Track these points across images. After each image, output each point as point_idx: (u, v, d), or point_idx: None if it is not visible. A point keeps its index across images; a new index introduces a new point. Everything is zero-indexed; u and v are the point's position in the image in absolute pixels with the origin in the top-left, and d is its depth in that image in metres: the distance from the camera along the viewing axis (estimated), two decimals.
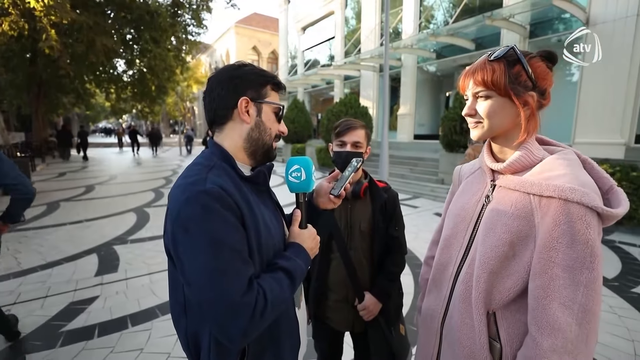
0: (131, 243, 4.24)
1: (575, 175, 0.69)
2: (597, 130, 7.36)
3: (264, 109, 0.83)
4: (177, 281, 0.78)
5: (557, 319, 0.65)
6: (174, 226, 0.69)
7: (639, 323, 2.55)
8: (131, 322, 2.48)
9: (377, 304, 1.24)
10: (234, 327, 0.64)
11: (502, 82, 0.73)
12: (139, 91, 14.25)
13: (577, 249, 0.65)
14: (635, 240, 4.58)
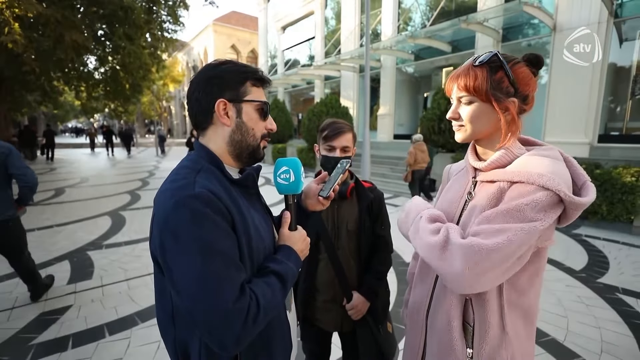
0: (106, 248, 4.07)
1: (548, 165, 0.72)
2: (564, 131, 7.78)
3: (244, 108, 0.79)
4: (163, 288, 0.76)
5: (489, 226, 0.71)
6: (161, 232, 0.67)
7: (605, 311, 2.72)
8: (108, 331, 2.38)
9: (365, 302, 1.26)
10: (226, 334, 0.63)
11: (484, 89, 0.76)
12: (111, 89, 13.64)
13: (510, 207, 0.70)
14: (599, 233, 4.88)
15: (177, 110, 40.71)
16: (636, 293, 3.03)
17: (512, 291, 0.78)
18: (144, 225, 5.03)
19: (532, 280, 0.79)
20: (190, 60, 35.41)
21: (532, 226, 0.68)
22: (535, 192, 0.69)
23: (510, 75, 0.76)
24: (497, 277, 0.71)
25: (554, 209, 0.70)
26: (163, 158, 16.96)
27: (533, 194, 0.69)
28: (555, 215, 0.70)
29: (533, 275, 0.79)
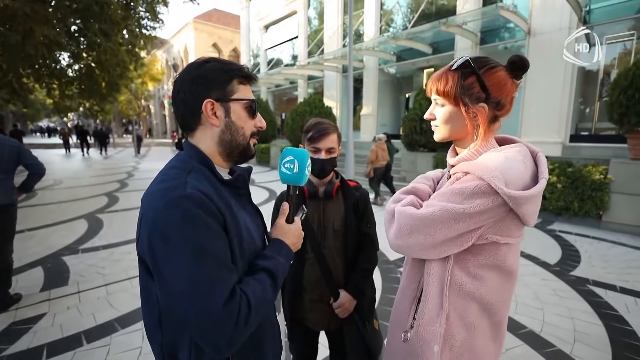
0: (83, 253, 3.91)
1: (498, 161, 0.74)
2: (539, 130, 8.11)
3: (232, 107, 0.77)
4: (150, 292, 0.74)
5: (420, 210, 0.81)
6: (151, 234, 0.65)
7: (577, 302, 2.86)
8: (86, 339, 2.29)
9: (352, 300, 1.27)
10: (219, 337, 0.62)
11: (453, 93, 0.79)
12: (86, 87, 13.08)
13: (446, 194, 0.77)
14: (572, 228, 5.12)
15: (157, 110, 39.59)
16: (605, 284, 3.20)
17: (461, 274, 0.79)
18: (123, 228, 4.87)
19: (486, 272, 0.79)
20: (170, 58, 34.52)
21: (454, 207, 0.74)
22: (471, 180, 0.74)
23: (483, 81, 0.78)
24: (425, 247, 0.79)
25: (481, 198, 0.72)
26: (142, 159, 16.46)
27: (468, 182, 0.75)
28: (483, 205, 0.72)
29: (487, 267, 0.79)
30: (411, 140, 7.84)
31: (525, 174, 0.76)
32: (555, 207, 5.47)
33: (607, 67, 7.78)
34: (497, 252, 0.78)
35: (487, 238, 0.76)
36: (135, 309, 2.67)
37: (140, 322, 2.47)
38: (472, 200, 0.73)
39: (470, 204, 0.73)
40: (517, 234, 0.78)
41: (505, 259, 0.79)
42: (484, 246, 0.77)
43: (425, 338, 0.81)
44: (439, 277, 0.81)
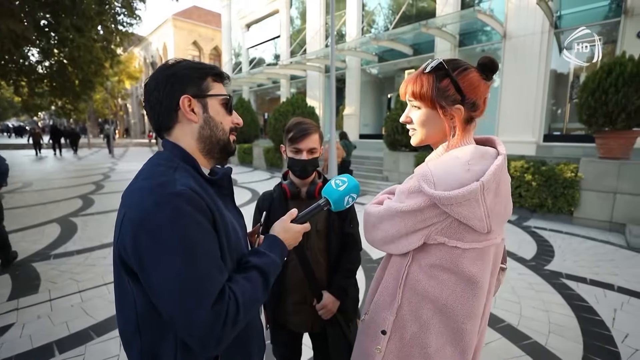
0: (55, 258, 3.72)
1: (438, 163, 0.78)
2: (514, 131, 8.41)
3: (209, 103, 0.77)
4: (127, 296, 0.71)
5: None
6: (137, 232, 0.62)
7: (551, 295, 2.98)
8: (59, 349, 2.18)
9: (335, 302, 1.26)
10: (207, 336, 0.61)
11: (429, 96, 0.79)
12: (58, 85, 12.49)
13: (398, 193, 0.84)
14: (546, 224, 5.34)
15: (135, 109, 38.33)
16: (576, 277, 3.35)
17: (417, 271, 0.82)
18: (99, 232, 4.68)
19: (439, 273, 0.79)
20: (148, 56, 33.52)
21: (395, 205, 0.80)
22: (409, 181, 0.81)
23: (457, 82, 0.78)
24: (384, 241, 0.85)
25: (414, 198, 0.77)
26: (119, 159, 15.91)
27: (408, 182, 0.82)
28: (416, 204, 0.75)
29: (439, 268, 0.79)
30: (393, 140, 7.94)
31: (465, 177, 0.72)
32: (530, 204, 5.68)
33: (577, 70, 8.16)
34: (449, 255, 0.77)
35: (435, 239, 0.78)
36: (112, 315, 2.56)
37: (118, 330, 2.38)
38: (408, 199, 0.78)
39: (406, 203, 0.78)
40: (470, 239, 0.75)
41: (458, 263, 0.77)
42: (434, 246, 0.79)
43: (376, 321, 0.88)
44: (397, 270, 0.86)
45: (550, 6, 7.41)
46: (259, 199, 1.38)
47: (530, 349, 2.24)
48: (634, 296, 2.97)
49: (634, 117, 4.74)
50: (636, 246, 4.27)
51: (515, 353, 2.20)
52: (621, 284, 3.20)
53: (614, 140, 5.07)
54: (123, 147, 24.76)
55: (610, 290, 3.09)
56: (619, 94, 4.70)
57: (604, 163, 5.06)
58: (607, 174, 4.98)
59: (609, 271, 3.51)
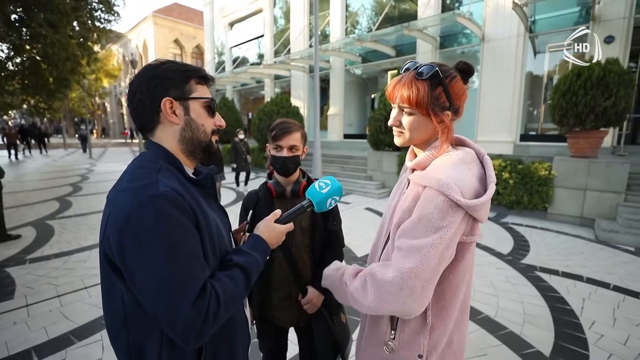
0: (30, 263, 3.59)
1: (450, 170, 0.80)
2: (493, 131, 8.71)
3: (191, 106, 0.79)
4: (113, 294, 0.72)
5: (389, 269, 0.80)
6: (121, 233, 0.64)
7: (526, 288, 3.13)
8: (37, 355, 2.12)
9: (319, 296, 1.30)
10: (188, 331, 0.64)
11: (425, 103, 0.82)
12: (30, 83, 11.95)
13: (420, 223, 0.77)
14: (522, 221, 5.57)
15: (113, 108, 37.12)
16: (549, 270, 3.53)
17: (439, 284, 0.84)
18: (78, 235, 4.54)
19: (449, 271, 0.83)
20: (127, 53, 32.53)
21: (441, 237, 0.75)
22: (437, 197, 0.77)
23: (448, 91, 0.83)
24: (433, 282, 0.78)
25: (453, 212, 0.76)
26: (97, 160, 15.40)
27: (435, 199, 0.77)
28: (457, 217, 0.76)
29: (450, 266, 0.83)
30: (377, 139, 8.06)
31: (474, 180, 0.81)
32: (508, 201, 5.91)
33: (551, 73, 8.53)
34: (460, 249, 0.83)
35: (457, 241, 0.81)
36: (94, 319, 2.52)
37: (100, 333, 2.34)
38: (448, 218, 0.76)
39: (449, 224, 0.76)
40: (477, 231, 0.83)
41: (465, 254, 0.84)
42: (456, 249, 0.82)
43: (411, 347, 0.86)
44: None
45: (525, 11, 7.71)
46: (244, 198, 1.40)
47: (506, 338, 2.35)
48: (601, 286, 3.16)
49: (601, 118, 5.03)
50: (603, 239, 4.53)
51: (492, 342, 2.30)
52: (590, 275, 3.39)
53: (584, 139, 5.35)
54: (101, 147, 23.96)
55: (580, 281, 3.27)
56: (587, 96, 4.97)
57: (574, 161, 5.33)
58: (578, 172, 5.25)
59: (579, 263, 3.72)
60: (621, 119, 5.14)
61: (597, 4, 7.02)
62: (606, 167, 5.05)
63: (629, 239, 4.39)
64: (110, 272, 0.70)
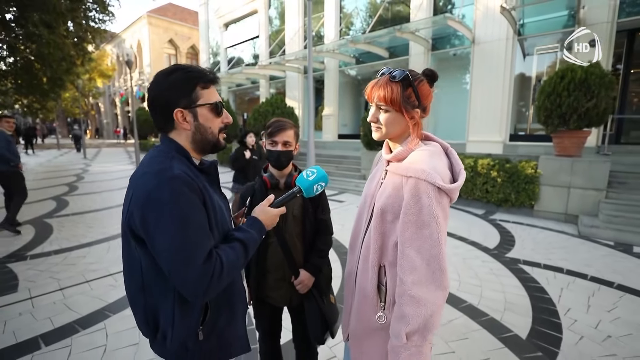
0: (31, 259, 3.68)
1: (429, 161, 0.94)
2: (483, 131, 8.93)
3: (199, 112, 0.90)
4: (133, 262, 0.87)
5: (413, 260, 0.91)
6: (144, 208, 0.78)
7: (509, 279, 3.30)
8: (44, 342, 2.23)
9: (310, 278, 1.45)
10: (197, 287, 0.78)
11: (398, 101, 0.98)
12: (24, 83, 11.91)
13: (422, 214, 0.90)
14: (509, 217, 5.77)
15: (107, 108, 36.89)
16: (532, 262, 3.71)
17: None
18: (76, 233, 4.63)
19: None
20: (121, 53, 32.37)
21: (439, 227, 0.90)
22: (426, 186, 0.90)
23: (417, 91, 0.99)
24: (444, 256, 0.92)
25: (441, 197, 0.91)
26: (92, 161, 15.36)
27: (426, 188, 0.90)
28: (445, 200, 0.92)
29: None
30: (370, 139, 8.21)
31: (446, 169, 0.97)
32: (496, 199, 6.11)
33: (539, 75, 8.78)
34: None
35: None
36: (97, 309, 2.63)
37: (104, 322, 2.46)
38: (440, 205, 0.90)
39: (442, 211, 0.91)
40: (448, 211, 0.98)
41: None
42: None
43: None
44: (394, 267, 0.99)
45: (514, 15, 7.94)
46: (242, 190, 1.54)
47: (487, 324, 2.51)
48: (579, 277, 3.35)
49: (584, 118, 5.24)
50: (585, 235, 4.73)
51: (474, 327, 2.47)
52: (569, 267, 3.58)
53: (568, 139, 5.57)
54: (95, 147, 23.83)
55: (560, 272, 3.46)
56: (570, 97, 5.18)
57: (559, 160, 5.54)
58: (562, 170, 5.46)
59: (561, 257, 3.91)
60: (602, 120, 5.36)
61: (582, 9, 7.27)
62: (589, 166, 5.26)
63: (609, 233, 4.59)
64: (133, 241, 0.84)
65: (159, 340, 0.89)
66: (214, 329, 0.92)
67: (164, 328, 0.86)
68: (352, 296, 1.16)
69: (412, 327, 0.90)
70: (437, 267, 0.91)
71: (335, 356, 2.12)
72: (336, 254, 3.81)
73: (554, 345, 2.26)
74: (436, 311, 0.91)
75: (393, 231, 0.99)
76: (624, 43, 7.69)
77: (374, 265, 1.03)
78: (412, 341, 0.91)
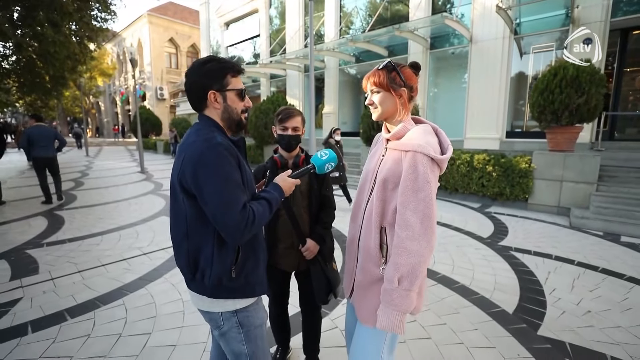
0: (48, 246, 3.88)
1: (424, 137, 1.16)
2: (481, 128, 9.13)
3: (228, 95, 1.11)
4: (180, 213, 1.07)
5: (409, 219, 1.10)
6: (196, 166, 0.98)
7: (500, 264, 3.50)
8: (70, 315, 2.43)
9: (315, 245, 1.65)
10: (235, 229, 0.98)
11: (385, 83, 1.19)
12: (27, 81, 12.06)
13: (418, 180, 1.09)
14: (504, 210, 5.97)
15: (108, 107, 37.05)
16: (523, 250, 3.91)
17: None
18: (87, 223, 4.83)
19: None
20: (121, 52, 32.53)
21: (431, 190, 1.08)
22: (422, 158, 1.08)
23: (400, 74, 1.20)
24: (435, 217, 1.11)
25: (433, 166, 1.10)
26: (94, 158, 15.55)
27: (422, 159, 1.09)
28: (436, 169, 1.12)
29: None
30: (369, 136, 8.41)
31: (436, 144, 1.18)
32: (491, 193, 6.31)
33: (535, 73, 8.96)
34: None
35: None
36: (114, 289, 2.83)
37: (122, 299, 2.66)
38: (432, 172, 1.09)
39: (434, 177, 1.09)
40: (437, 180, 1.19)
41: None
42: None
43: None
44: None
45: (510, 14, 8.13)
46: (255, 169, 1.74)
47: (478, 301, 2.71)
48: (566, 262, 3.55)
49: (575, 115, 5.44)
50: (576, 225, 4.94)
51: (464, 304, 2.67)
52: (558, 254, 3.78)
53: (560, 134, 5.77)
54: (96, 146, 24.02)
55: (549, 258, 3.66)
56: (562, 94, 5.38)
57: (552, 155, 5.74)
58: (555, 165, 5.66)
59: (550, 245, 4.11)
60: (593, 116, 5.55)
61: (576, 8, 7.47)
62: (580, 160, 5.46)
63: (599, 224, 4.80)
64: (182, 194, 1.04)
65: (198, 279, 1.08)
66: (243, 270, 1.12)
67: (203, 267, 1.06)
68: (354, 258, 1.35)
69: (402, 272, 1.10)
70: (429, 224, 1.10)
71: (336, 327, 2.32)
72: (338, 243, 4.00)
73: (538, 319, 2.46)
74: (424, 262, 1.11)
75: (393, 198, 1.18)
76: (617, 42, 7.88)
77: (376, 227, 1.22)
78: (402, 285, 1.11)
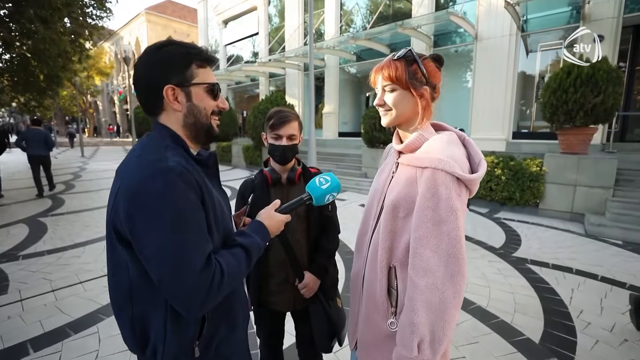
0: (24, 259, 3.57)
1: (447, 150, 0.85)
2: (486, 128, 8.82)
3: (193, 91, 0.78)
4: (119, 266, 0.74)
5: (429, 261, 0.80)
6: (131, 203, 0.66)
7: (517, 279, 3.19)
8: (33, 348, 2.12)
9: (316, 280, 1.33)
10: (193, 299, 0.66)
11: (404, 78, 0.88)
12: (20, 80, 11.75)
13: (440, 208, 0.80)
14: (514, 216, 5.66)
15: (105, 106, 36.68)
16: (540, 262, 3.60)
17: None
18: (72, 232, 4.51)
19: None
20: (119, 51, 32.13)
21: (458, 222, 0.80)
22: (444, 176, 0.81)
23: (422, 67, 0.89)
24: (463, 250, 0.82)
25: (460, 188, 0.82)
26: (89, 159, 15.23)
27: (443, 181, 0.81)
28: (464, 193, 0.83)
29: None
30: (371, 137, 8.10)
31: (464, 157, 0.87)
32: (500, 197, 6.00)
33: (542, 72, 8.66)
34: None
35: None
36: (90, 312, 2.52)
37: (96, 325, 2.35)
38: (459, 197, 0.81)
39: (460, 203, 0.81)
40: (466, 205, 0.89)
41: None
42: None
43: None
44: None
45: (517, 10, 7.82)
46: (241, 186, 1.42)
47: (497, 327, 2.41)
48: (589, 277, 3.24)
49: (590, 115, 5.12)
50: (592, 233, 4.63)
51: (484, 331, 2.36)
52: (578, 267, 3.47)
53: (574, 136, 5.45)
54: (93, 146, 23.67)
55: (569, 272, 3.35)
56: (577, 93, 5.06)
57: (565, 157, 5.43)
58: (568, 168, 5.35)
59: (569, 256, 3.80)
60: (610, 116, 5.25)
61: (587, 4, 7.15)
62: (595, 163, 5.15)
63: (617, 232, 4.49)
64: (118, 243, 0.72)
65: (149, 357, 0.77)
66: (211, 343, 0.80)
67: (155, 343, 0.75)
68: (359, 300, 1.06)
69: (422, 335, 0.79)
70: (457, 269, 0.80)
71: None
72: (339, 254, 3.70)
73: (569, 350, 2.15)
74: (450, 320, 0.81)
75: (405, 229, 0.88)
76: (629, 39, 7.57)
77: (383, 267, 0.92)
78: (423, 354, 0.80)
